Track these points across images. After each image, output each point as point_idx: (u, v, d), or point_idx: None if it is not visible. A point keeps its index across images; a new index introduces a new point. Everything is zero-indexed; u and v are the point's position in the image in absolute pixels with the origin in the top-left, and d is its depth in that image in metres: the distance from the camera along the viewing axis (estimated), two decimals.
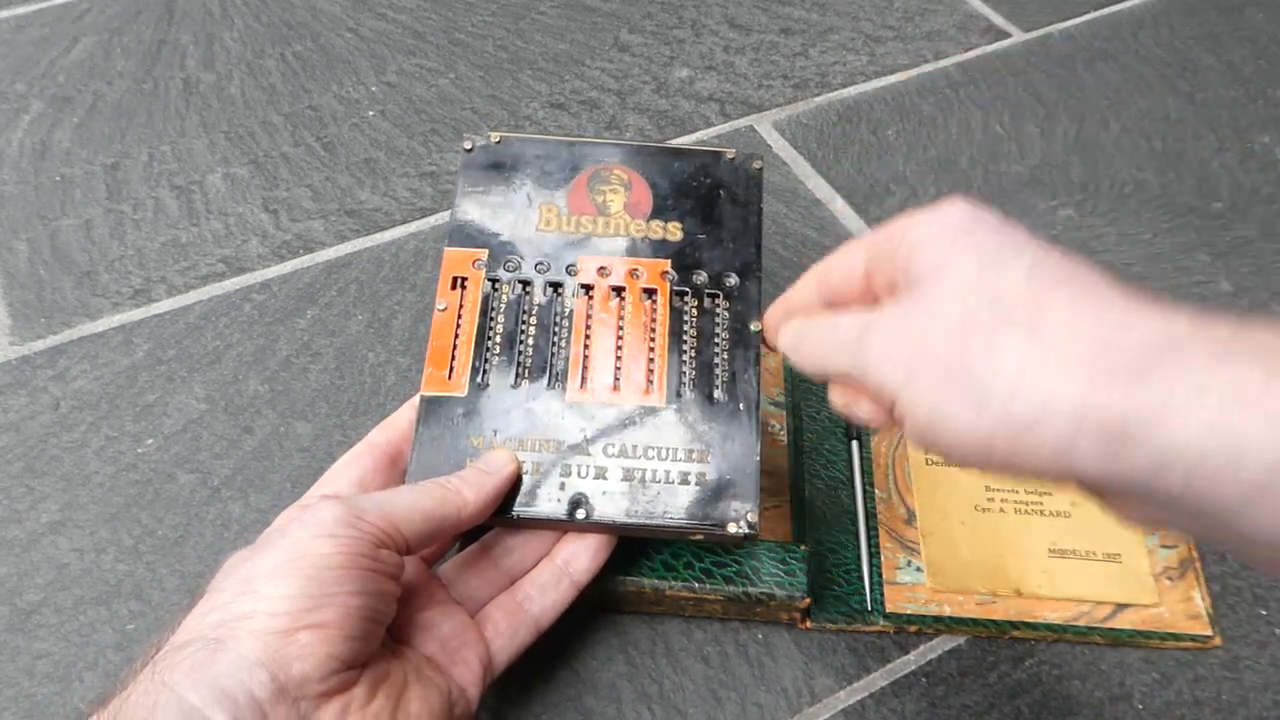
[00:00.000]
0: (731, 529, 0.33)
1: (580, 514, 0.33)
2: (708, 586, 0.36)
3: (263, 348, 0.48)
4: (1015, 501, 0.41)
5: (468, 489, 0.32)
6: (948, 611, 0.38)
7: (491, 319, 0.36)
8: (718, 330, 0.36)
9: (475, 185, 0.39)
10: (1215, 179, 0.57)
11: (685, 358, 0.36)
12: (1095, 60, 0.65)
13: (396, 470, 0.35)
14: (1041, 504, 0.41)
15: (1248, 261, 0.52)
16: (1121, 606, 0.38)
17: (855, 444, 0.42)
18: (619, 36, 0.67)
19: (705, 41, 0.67)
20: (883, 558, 0.39)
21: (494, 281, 0.37)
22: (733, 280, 0.37)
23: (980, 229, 0.26)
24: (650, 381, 0.35)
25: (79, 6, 0.70)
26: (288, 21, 0.68)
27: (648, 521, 0.33)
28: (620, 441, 0.34)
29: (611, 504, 0.33)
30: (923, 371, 0.24)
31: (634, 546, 0.37)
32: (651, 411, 0.35)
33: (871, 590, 0.38)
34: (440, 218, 0.55)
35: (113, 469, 0.43)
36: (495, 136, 0.40)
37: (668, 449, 0.34)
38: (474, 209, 0.38)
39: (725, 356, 0.36)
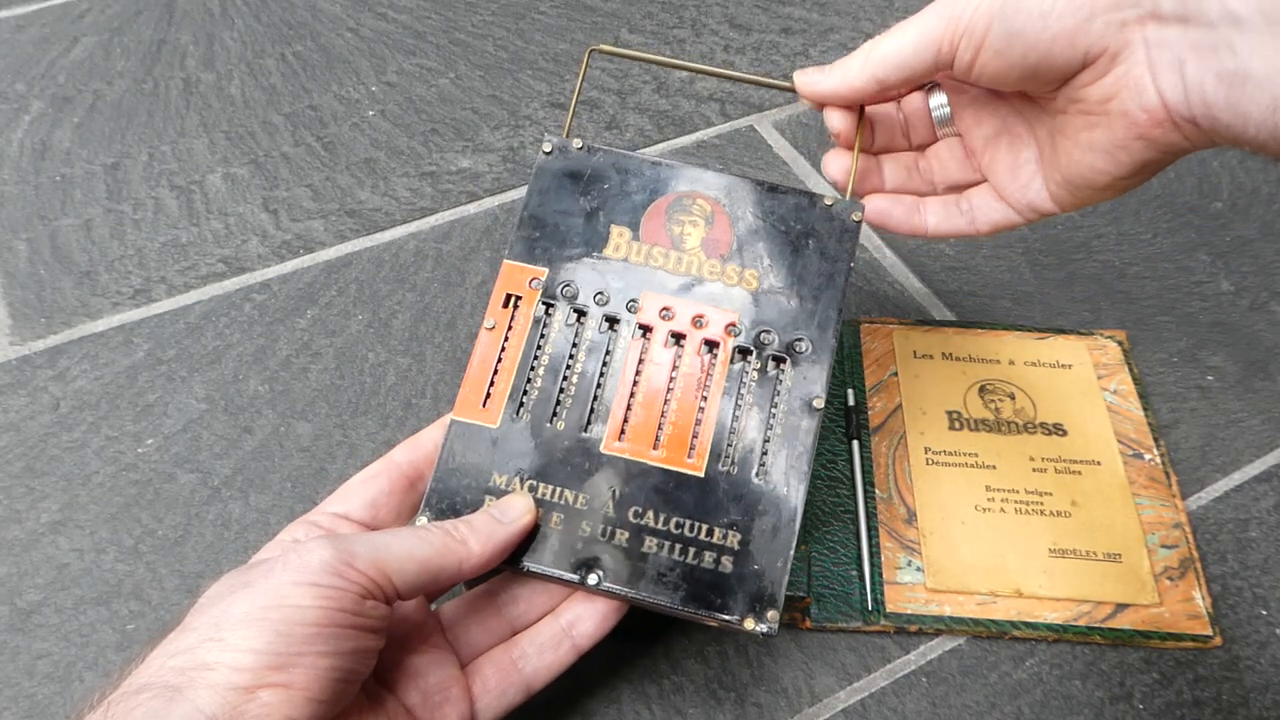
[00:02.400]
0: (749, 625, 0.30)
1: (592, 579, 0.31)
2: None
3: (263, 348, 0.48)
4: (1015, 501, 0.41)
5: (474, 539, 0.30)
6: (948, 611, 0.38)
7: (539, 347, 0.34)
8: (777, 402, 0.33)
9: (547, 194, 0.36)
10: (1215, 179, 0.57)
11: (735, 426, 0.33)
12: None
13: (415, 493, 0.33)
14: (1041, 504, 0.41)
15: (1248, 261, 0.52)
16: (1121, 606, 0.38)
17: (855, 444, 0.42)
18: (619, 36, 0.67)
19: (705, 41, 0.67)
20: (883, 558, 0.39)
21: (548, 305, 0.34)
22: (804, 347, 0.34)
23: None
24: (692, 447, 0.32)
25: (79, 6, 0.70)
26: (288, 21, 0.68)
27: (662, 601, 0.31)
28: (649, 507, 0.32)
29: (627, 573, 0.31)
30: None
31: None
32: (688, 480, 0.32)
33: (872, 590, 0.38)
34: (441, 218, 0.55)
35: (113, 469, 0.43)
36: (578, 143, 0.37)
37: (697, 524, 0.32)
38: (541, 221, 0.35)
39: (779, 433, 0.33)
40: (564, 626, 0.32)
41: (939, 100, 0.37)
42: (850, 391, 0.44)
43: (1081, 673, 0.37)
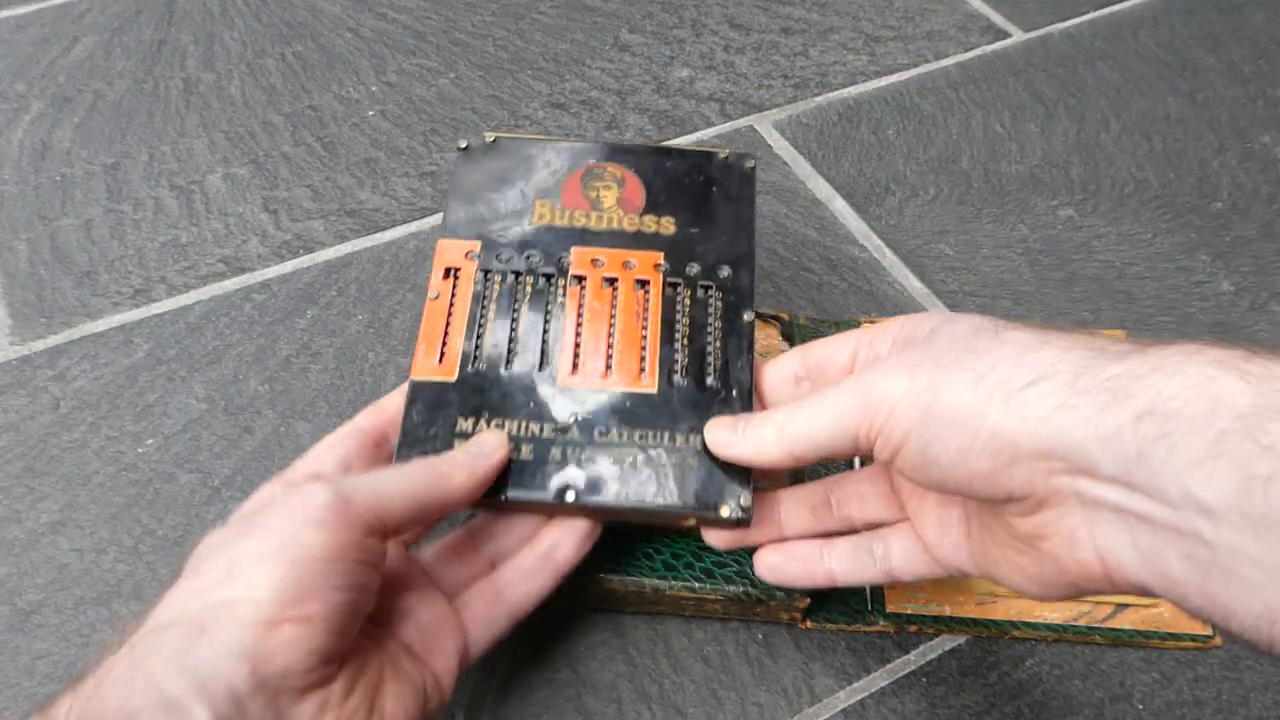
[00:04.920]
0: (724, 512, 0.32)
1: (569, 496, 0.32)
2: (708, 586, 0.36)
3: (263, 348, 0.48)
4: None
5: (458, 473, 0.31)
6: (948, 611, 0.38)
7: (484, 307, 0.36)
8: (710, 319, 0.36)
9: (470, 180, 0.39)
10: (1215, 179, 0.57)
11: (678, 345, 0.35)
12: (1095, 60, 0.65)
13: (381, 454, 0.34)
14: None
15: (1248, 261, 0.52)
16: (1121, 606, 0.38)
17: None
18: (619, 36, 0.67)
19: (705, 41, 0.67)
20: None
21: (486, 272, 0.36)
22: (725, 272, 0.37)
23: (973, 315, 0.29)
24: (642, 369, 0.35)
25: (79, 6, 0.70)
26: (288, 21, 0.68)
27: (639, 504, 0.32)
28: (611, 425, 0.33)
29: (601, 487, 0.33)
30: (926, 365, 0.26)
31: (635, 546, 0.37)
32: (643, 397, 0.34)
33: (871, 590, 0.38)
34: (440, 217, 0.55)
35: (113, 469, 0.43)
36: (490, 136, 0.40)
37: (659, 433, 0.33)
38: (468, 202, 0.38)
39: (718, 344, 0.35)
40: (543, 552, 0.33)
41: None
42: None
43: (1081, 672, 0.37)
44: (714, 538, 0.33)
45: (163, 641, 0.25)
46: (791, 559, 0.33)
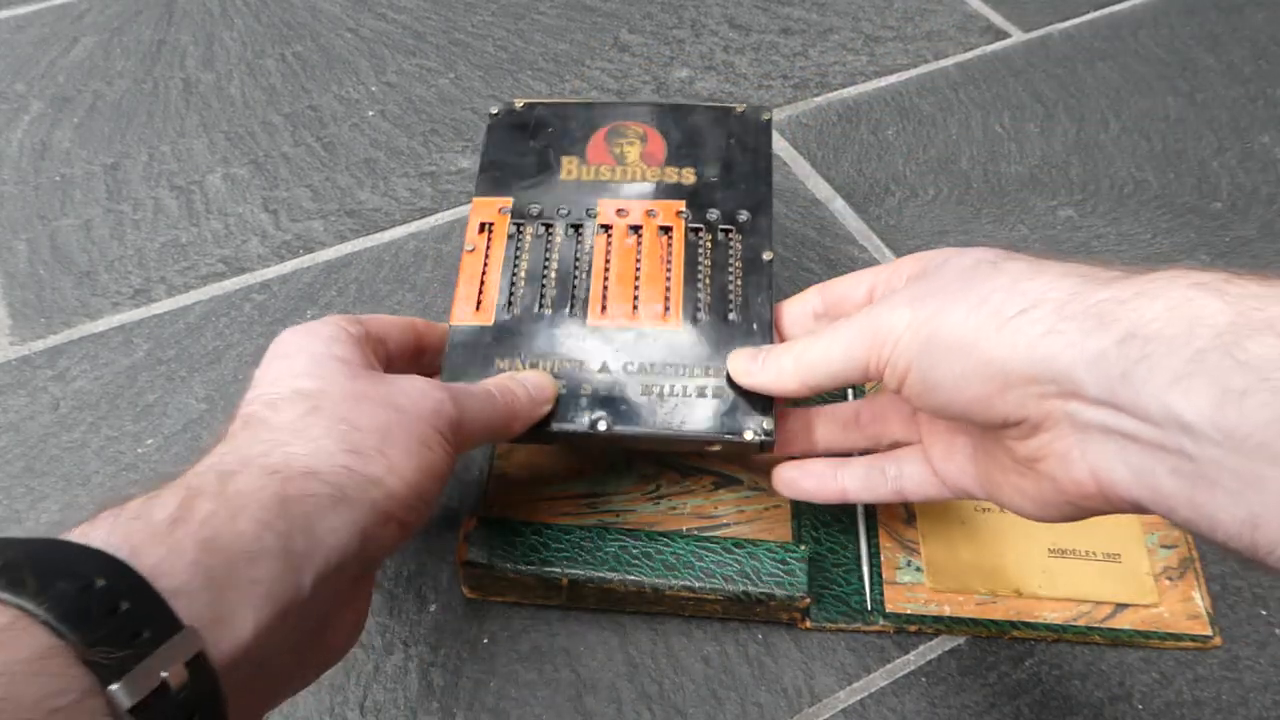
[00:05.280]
0: (748, 436, 0.34)
1: (602, 425, 0.34)
2: (708, 586, 0.36)
3: (263, 348, 0.48)
4: None
5: (521, 416, 0.33)
6: (948, 611, 0.38)
7: (517, 257, 0.38)
8: (732, 260, 0.38)
9: (501, 143, 0.41)
10: (1215, 179, 0.57)
11: (700, 285, 0.37)
12: (1095, 60, 0.65)
13: (417, 365, 0.35)
14: None
15: (1248, 261, 0.52)
16: (1121, 606, 0.38)
17: None
18: (619, 36, 0.67)
19: (705, 41, 0.67)
20: (883, 558, 0.39)
21: (519, 225, 0.39)
22: (745, 216, 0.39)
23: (982, 248, 0.30)
24: (667, 307, 0.37)
25: (79, 6, 0.70)
26: (288, 21, 0.68)
27: (668, 432, 0.34)
28: (639, 360, 0.36)
29: (632, 417, 0.35)
30: (930, 297, 0.27)
31: (635, 545, 0.37)
32: (669, 333, 0.36)
33: (871, 590, 0.38)
34: (440, 218, 0.55)
35: (113, 469, 0.43)
36: (519, 103, 0.42)
37: (685, 366, 0.35)
38: (500, 163, 0.41)
39: (739, 283, 0.37)
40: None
41: None
42: (849, 393, 0.44)
43: (1081, 673, 0.37)
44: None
45: (308, 489, 0.25)
46: (807, 474, 0.35)
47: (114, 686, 0.19)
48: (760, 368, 0.33)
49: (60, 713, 0.18)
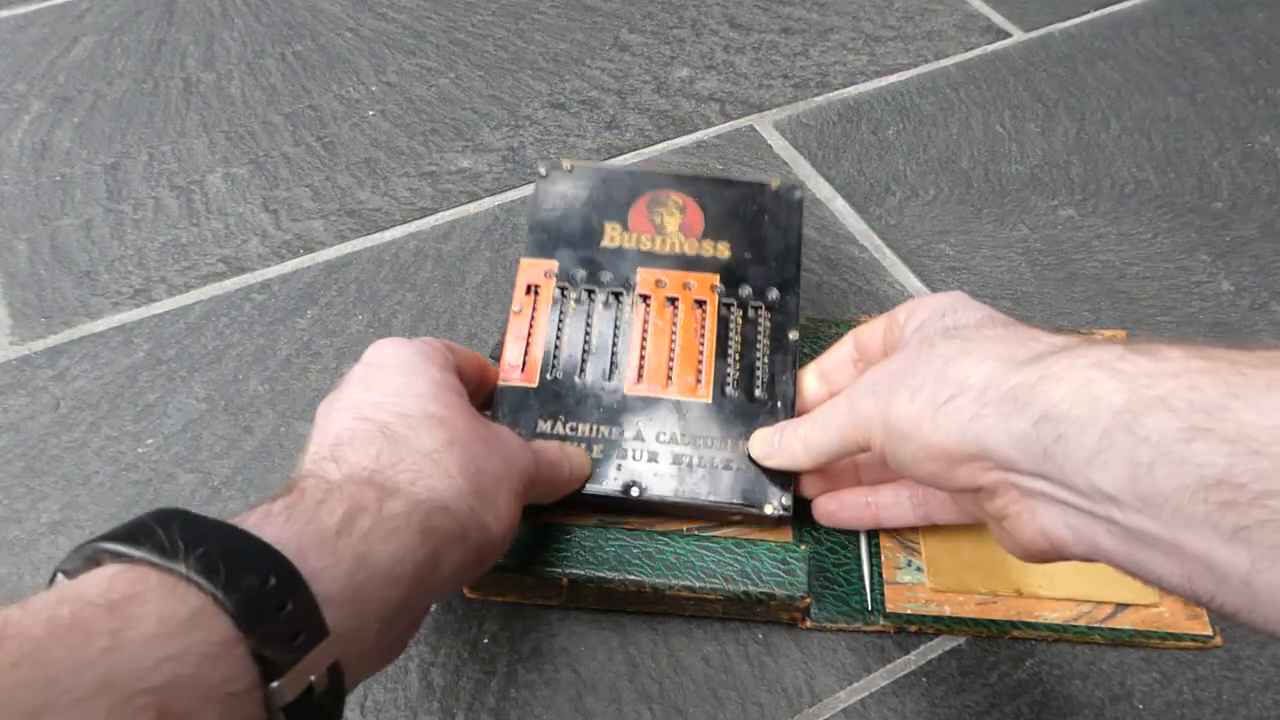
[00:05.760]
0: (768, 510, 0.37)
1: (634, 491, 0.37)
2: (708, 586, 0.36)
3: (263, 348, 0.48)
4: None
5: (568, 485, 0.37)
6: (948, 611, 0.38)
7: (560, 322, 0.40)
8: (759, 337, 0.40)
9: (548, 205, 0.43)
10: (1215, 179, 0.57)
11: (730, 360, 0.39)
12: (1095, 60, 0.65)
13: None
14: None
15: (1248, 261, 0.52)
16: (1122, 606, 0.38)
17: None
18: (619, 36, 0.67)
19: (705, 41, 0.67)
20: (883, 557, 0.39)
21: (563, 289, 0.41)
22: (774, 294, 0.41)
23: (957, 299, 0.33)
24: (699, 379, 0.39)
25: (79, 6, 0.70)
26: (288, 21, 0.68)
27: (694, 501, 0.37)
28: (670, 430, 0.38)
29: (662, 484, 0.37)
30: (884, 385, 0.30)
31: (635, 545, 0.37)
32: (699, 405, 0.39)
33: (872, 590, 0.38)
34: (441, 218, 0.55)
35: (113, 469, 0.43)
36: (567, 164, 0.44)
37: (712, 438, 0.38)
38: (546, 225, 0.42)
39: (765, 361, 0.40)
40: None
41: None
42: None
43: (1081, 673, 0.37)
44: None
45: (429, 511, 0.27)
46: (844, 507, 0.38)
47: (276, 684, 0.21)
48: (777, 450, 0.36)
49: (234, 698, 0.20)
